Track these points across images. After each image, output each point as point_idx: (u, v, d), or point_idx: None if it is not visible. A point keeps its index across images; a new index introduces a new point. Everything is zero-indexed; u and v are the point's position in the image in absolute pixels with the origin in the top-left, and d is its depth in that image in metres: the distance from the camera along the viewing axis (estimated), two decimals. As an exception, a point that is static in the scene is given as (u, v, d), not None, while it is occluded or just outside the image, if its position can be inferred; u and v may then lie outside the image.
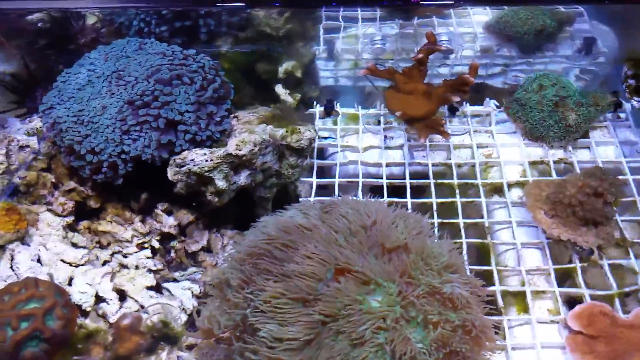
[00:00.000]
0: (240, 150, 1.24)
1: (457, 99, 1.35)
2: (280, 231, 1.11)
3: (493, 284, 1.25)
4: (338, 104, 1.60)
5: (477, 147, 1.49)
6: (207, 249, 1.42)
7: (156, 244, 1.35)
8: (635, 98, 1.23)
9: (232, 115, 1.45)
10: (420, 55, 1.36)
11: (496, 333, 1.17)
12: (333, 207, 1.19)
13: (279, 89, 1.62)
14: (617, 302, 1.19)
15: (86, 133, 1.24)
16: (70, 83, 1.35)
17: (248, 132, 1.30)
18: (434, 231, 1.23)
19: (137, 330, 1.01)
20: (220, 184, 1.25)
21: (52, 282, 1.08)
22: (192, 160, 1.24)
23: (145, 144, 1.24)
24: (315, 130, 1.38)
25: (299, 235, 1.11)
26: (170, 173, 1.26)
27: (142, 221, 1.37)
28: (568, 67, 1.71)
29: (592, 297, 1.21)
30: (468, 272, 1.24)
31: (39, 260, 1.21)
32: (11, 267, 1.19)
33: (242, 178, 1.31)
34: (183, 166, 1.25)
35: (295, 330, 0.99)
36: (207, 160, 1.24)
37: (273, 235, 1.10)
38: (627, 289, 1.21)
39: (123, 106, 1.25)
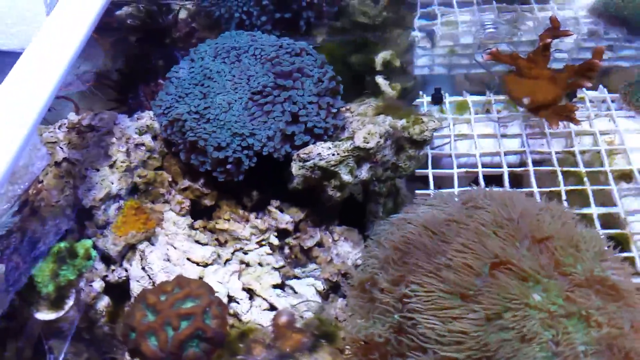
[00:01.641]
0: (368, 143, 1.20)
1: (589, 84, 1.29)
2: (425, 226, 1.07)
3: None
4: (446, 93, 1.54)
5: (600, 133, 1.42)
6: (320, 245, 1.39)
7: (275, 241, 1.32)
8: None
9: (344, 107, 1.41)
10: (548, 40, 1.30)
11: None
12: (472, 200, 1.15)
13: (380, 79, 1.57)
14: None
15: (212, 129, 1.21)
16: (184, 79, 1.32)
17: (372, 123, 1.26)
18: (578, 220, 1.17)
19: (296, 328, 0.99)
20: (346, 177, 1.21)
21: (202, 281, 1.06)
22: (319, 154, 1.20)
23: (270, 136, 1.21)
24: (438, 121, 1.33)
25: (447, 228, 1.07)
26: (295, 168, 1.23)
27: (258, 218, 1.35)
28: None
29: None
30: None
31: (168, 260, 1.19)
32: (143, 268, 1.18)
33: (364, 172, 1.27)
34: (308, 160, 1.21)
35: (461, 326, 0.95)
36: (333, 154, 1.20)
37: (419, 229, 1.06)
38: None
39: (248, 101, 1.22)
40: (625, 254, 1.21)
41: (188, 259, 1.22)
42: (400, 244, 1.04)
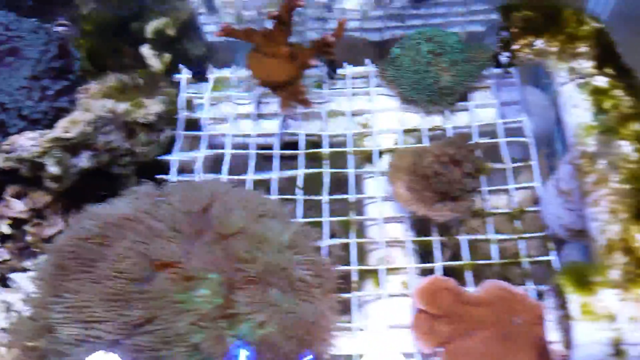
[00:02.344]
0: (68, 132, 1.15)
1: (316, 63, 1.24)
2: (98, 226, 1.04)
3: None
4: (211, 67, 1.48)
5: (353, 114, 1.40)
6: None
7: (7, 230, 1.28)
8: (505, 53, 1.12)
9: (82, 87, 1.33)
10: (277, 13, 1.23)
11: (345, 310, 1.15)
12: (165, 193, 1.12)
13: (146, 50, 1.49)
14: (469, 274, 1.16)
15: None
16: None
17: (84, 109, 1.20)
18: (284, 210, 1.16)
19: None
20: (53, 169, 1.16)
21: None
22: (21, 145, 1.15)
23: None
24: (165, 102, 1.28)
25: (118, 229, 1.04)
26: (1, 160, 1.17)
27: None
28: (455, 20, 1.60)
29: (446, 269, 1.18)
30: (325, 252, 1.20)
31: None
32: None
33: (83, 161, 1.22)
34: (11, 152, 1.15)
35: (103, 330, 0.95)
36: (34, 145, 1.14)
37: (89, 231, 1.03)
38: (479, 262, 1.18)
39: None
40: (342, 240, 1.23)
41: None
42: (66, 247, 1.02)
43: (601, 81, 0.99)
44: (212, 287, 0.99)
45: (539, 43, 1.07)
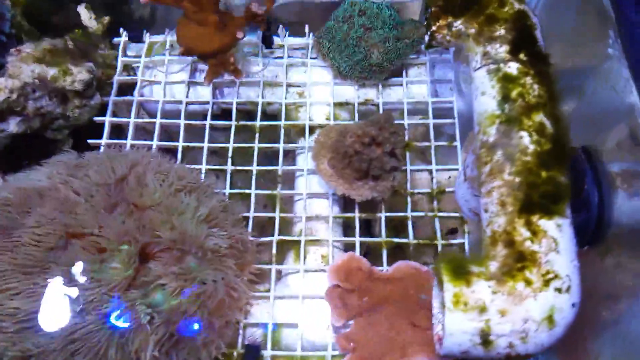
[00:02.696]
0: (-11, 99, 1.14)
1: (242, 35, 1.22)
2: (15, 194, 1.06)
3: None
4: (145, 31, 1.45)
5: (288, 85, 1.39)
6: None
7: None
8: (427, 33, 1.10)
9: (14, 49, 1.31)
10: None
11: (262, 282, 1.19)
12: (84, 163, 1.13)
13: (82, 11, 1.45)
14: (384, 252, 1.19)
15: None
16: None
17: (10, 75, 1.19)
18: (204, 184, 1.18)
19: None
20: (-25, 135, 1.16)
21: None
22: (-59, 111, 1.14)
23: None
24: (91, 71, 1.27)
25: (35, 198, 1.06)
26: None
27: None
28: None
29: (362, 245, 1.21)
30: (250, 225, 1.22)
31: None
32: None
33: (12, 126, 1.22)
34: None
35: (18, 302, 0.98)
36: (-46, 112, 1.14)
37: (6, 200, 1.05)
38: (396, 239, 1.20)
39: None
40: (266, 214, 1.25)
41: None
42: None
43: (513, 68, 0.97)
44: (124, 258, 1.01)
45: (458, 24, 1.04)
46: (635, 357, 0.98)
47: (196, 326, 1.05)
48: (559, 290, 0.80)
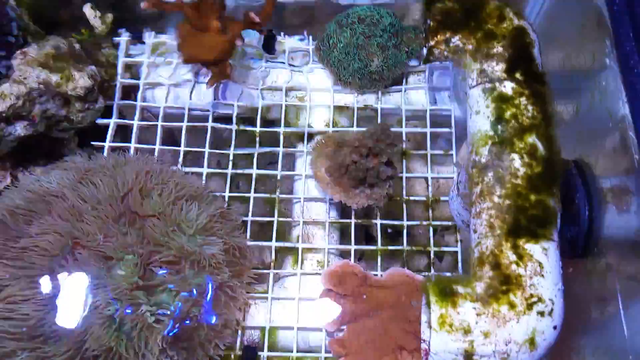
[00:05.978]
0: (-5, 107, 1.17)
1: (240, 43, 1.23)
2: (25, 200, 1.10)
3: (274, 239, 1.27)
4: (148, 31, 1.46)
5: (287, 90, 1.40)
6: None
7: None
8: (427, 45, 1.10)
9: (20, 51, 1.33)
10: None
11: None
12: (93, 169, 1.16)
13: (87, 10, 1.46)
14: (379, 259, 1.23)
15: None
16: None
17: (16, 81, 1.22)
18: (204, 191, 1.21)
19: None
20: (-17, 141, 1.20)
21: None
22: (-50, 116, 1.17)
23: None
24: (93, 75, 1.28)
25: (43, 204, 1.10)
26: None
27: None
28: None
29: (358, 252, 1.24)
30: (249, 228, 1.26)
31: None
32: None
33: (19, 129, 1.25)
34: (-58, 121, 1.18)
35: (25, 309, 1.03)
36: (-38, 118, 1.17)
37: (17, 205, 1.09)
38: (390, 247, 1.24)
39: None
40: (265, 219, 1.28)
41: None
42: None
43: (508, 87, 0.99)
44: (129, 267, 1.06)
45: (456, 40, 1.05)
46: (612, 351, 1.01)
47: (196, 325, 1.10)
48: (541, 313, 0.83)
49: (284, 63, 1.41)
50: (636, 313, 0.90)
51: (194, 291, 1.09)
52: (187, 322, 1.09)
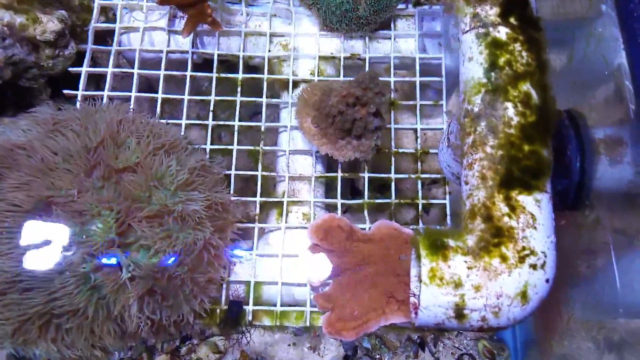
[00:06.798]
0: (-46, 51, 1.09)
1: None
2: (-10, 154, 1.03)
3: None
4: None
5: (271, 35, 1.33)
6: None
7: None
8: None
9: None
10: None
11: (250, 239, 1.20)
12: (63, 120, 1.10)
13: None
14: (365, 212, 1.20)
15: None
16: None
17: (-25, 24, 1.13)
18: (185, 143, 1.15)
19: None
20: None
21: None
22: None
23: None
24: (63, 19, 1.20)
25: (12, 158, 1.03)
26: None
27: None
28: None
29: (344, 206, 1.21)
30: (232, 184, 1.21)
31: None
32: None
33: (-18, 76, 1.17)
34: None
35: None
36: None
37: (-19, 160, 1.03)
38: (377, 201, 1.21)
39: None
40: (247, 173, 1.24)
41: None
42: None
43: (502, 32, 0.94)
44: (106, 223, 1.01)
45: (450, -17, 0.99)
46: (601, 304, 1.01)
47: (178, 282, 1.07)
48: (533, 266, 0.81)
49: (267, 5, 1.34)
50: (627, 266, 0.88)
51: (178, 247, 1.05)
52: (171, 279, 1.06)
